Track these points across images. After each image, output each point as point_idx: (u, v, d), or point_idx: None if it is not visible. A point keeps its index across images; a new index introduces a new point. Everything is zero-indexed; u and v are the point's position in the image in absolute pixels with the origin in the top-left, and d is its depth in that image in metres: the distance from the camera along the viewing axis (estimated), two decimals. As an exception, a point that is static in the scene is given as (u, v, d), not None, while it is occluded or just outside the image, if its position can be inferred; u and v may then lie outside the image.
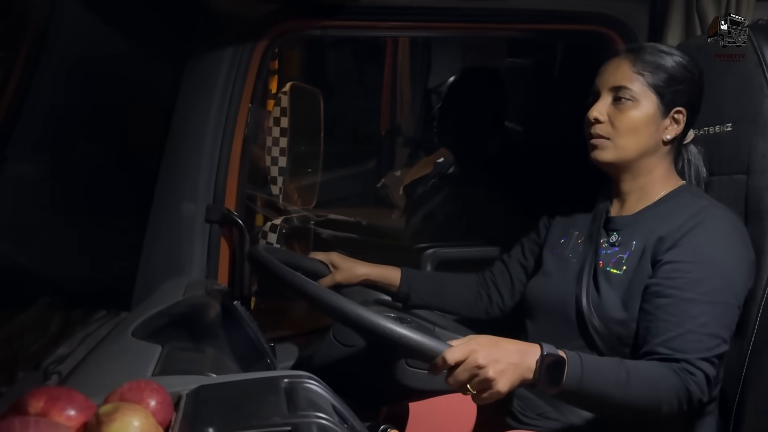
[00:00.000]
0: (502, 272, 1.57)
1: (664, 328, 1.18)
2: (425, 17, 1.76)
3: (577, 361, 1.08)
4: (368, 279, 1.54)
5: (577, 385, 1.07)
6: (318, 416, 0.73)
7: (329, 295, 1.09)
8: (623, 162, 1.32)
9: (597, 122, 1.30)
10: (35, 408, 0.67)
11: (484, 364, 1.01)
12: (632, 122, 1.28)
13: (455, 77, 2.43)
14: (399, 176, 3.52)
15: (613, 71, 1.31)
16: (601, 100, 1.31)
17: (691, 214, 1.25)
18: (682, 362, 1.15)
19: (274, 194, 2.02)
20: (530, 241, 1.55)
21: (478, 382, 1.02)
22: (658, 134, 1.30)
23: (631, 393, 1.11)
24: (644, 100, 1.29)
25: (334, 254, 1.55)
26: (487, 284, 1.59)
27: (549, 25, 1.83)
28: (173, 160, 1.59)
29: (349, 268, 1.52)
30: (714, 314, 1.18)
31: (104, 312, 1.46)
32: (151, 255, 1.57)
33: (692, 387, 1.14)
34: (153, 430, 0.68)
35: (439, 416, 1.45)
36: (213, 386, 0.82)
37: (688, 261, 1.21)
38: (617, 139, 1.29)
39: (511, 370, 1.03)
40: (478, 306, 1.58)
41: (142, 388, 0.75)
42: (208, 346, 1.12)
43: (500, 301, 1.57)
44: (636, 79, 1.29)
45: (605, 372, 1.11)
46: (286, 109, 1.96)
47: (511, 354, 1.05)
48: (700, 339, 1.16)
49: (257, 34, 1.61)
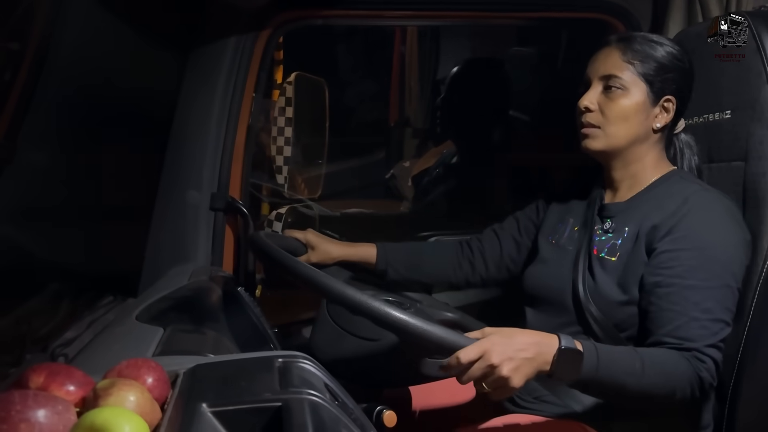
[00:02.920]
0: (492, 242, 1.57)
1: (669, 318, 1.19)
2: (428, 6, 1.77)
3: (593, 352, 1.09)
4: (344, 259, 1.55)
5: (592, 375, 1.08)
6: (309, 393, 0.75)
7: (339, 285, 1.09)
8: (614, 150, 1.33)
9: (587, 111, 1.31)
10: (35, 383, 0.69)
11: (498, 363, 1.02)
12: (622, 110, 1.29)
13: (457, 68, 2.44)
14: (408, 167, 3.52)
15: (603, 60, 1.32)
16: (592, 89, 1.32)
17: (683, 198, 1.26)
18: (692, 351, 1.16)
19: (279, 184, 2.04)
20: (526, 219, 1.55)
21: (493, 380, 1.04)
22: (648, 122, 1.31)
23: (646, 381, 1.12)
24: (634, 89, 1.29)
25: (310, 233, 1.55)
26: (472, 252, 1.58)
27: (553, 13, 1.84)
28: (178, 148, 1.61)
29: (325, 250, 1.53)
30: (716, 298, 1.19)
31: (111, 298, 1.49)
32: (156, 242, 1.60)
33: (704, 374, 1.16)
34: (148, 404, 0.70)
35: (438, 399, 1.48)
36: (209, 365, 0.84)
37: (684, 248, 1.22)
38: (607, 127, 1.30)
39: (527, 366, 1.04)
40: (458, 275, 1.58)
41: (139, 366, 0.76)
42: (209, 329, 1.13)
43: (484, 270, 1.57)
44: (626, 68, 1.30)
45: (620, 361, 1.12)
46: (291, 99, 1.98)
47: (525, 349, 1.05)
48: (705, 325, 1.17)
49: (260, 24, 1.63)
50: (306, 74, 2.06)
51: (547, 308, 1.38)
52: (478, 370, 1.03)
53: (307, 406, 0.72)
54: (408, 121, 4.05)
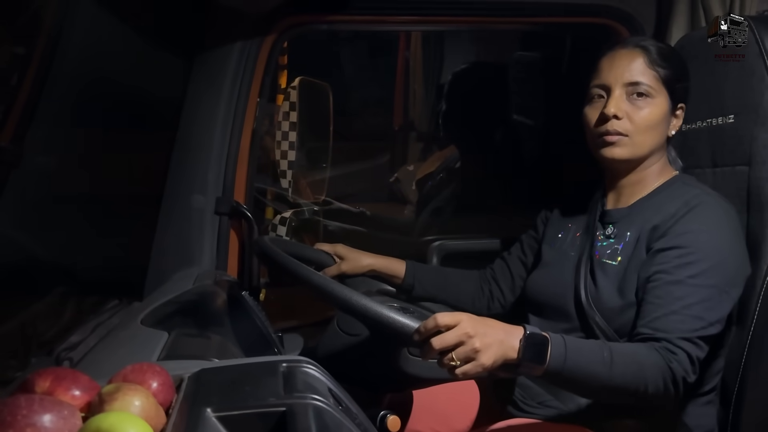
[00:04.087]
0: (503, 268, 1.60)
1: (649, 310, 1.19)
2: (432, 11, 1.77)
3: (560, 341, 1.08)
4: (373, 270, 1.57)
5: (560, 365, 1.07)
6: (313, 398, 0.75)
7: (333, 285, 1.10)
8: (637, 158, 1.31)
9: (615, 118, 1.27)
10: (41, 387, 0.69)
11: (473, 334, 1.02)
12: (651, 118, 1.28)
13: (458, 71, 2.44)
14: (412, 171, 3.53)
15: (626, 66, 1.29)
16: (616, 96, 1.28)
17: (684, 201, 1.26)
18: (662, 341, 1.15)
19: (283, 188, 2.04)
20: (529, 238, 1.57)
21: (464, 351, 1.02)
22: (667, 130, 1.31)
23: (616, 371, 1.10)
24: (659, 97, 1.29)
25: (339, 245, 1.57)
26: (488, 280, 1.61)
27: (557, 18, 1.84)
28: (183, 153, 1.62)
29: (355, 259, 1.55)
30: (700, 296, 1.18)
31: (116, 301, 1.49)
32: (162, 246, 1.60)
33: (674, 365, 1.14)
34: (153, 409, 0.70)
35: (442, 404, 1.47)
36: (214, 369, 0.85)
37: (677, 246, 1.21)
38: (636, 135, 1.28)
39: (497, 346, 1.03)
40: (481, 301, 1.61)
41: (144, 370, 0.77)
42: (214, 333, 1.14)
43: (501, 296, 1.59)
44: (651, 75, 1.28)
45: (588, 352, 1.11)
46: (295, 103, 1.98)
47: (497, 331, 1.05)
48: (683, 320, 1.16)
49: (265, 29, 1.63)
50: (310, 79, 2.07)
51: (550, 314, 1.38)
52: (452, 337, 1.02)
53: (311, 411, 0.72)
54: (412, 125, 4.06)
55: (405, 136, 4.07)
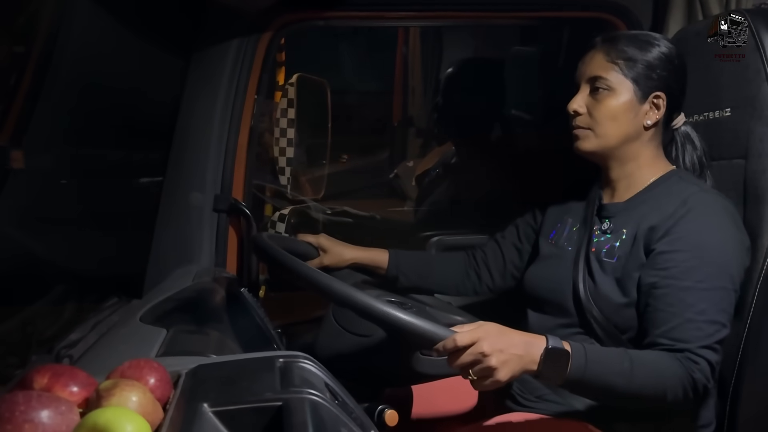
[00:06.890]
0: (495, 252, 1.59)
1: (664, 319, 1.20)
2: (430, 7, 1.77)
3: (581, 353, 1.10)
4: (356, 263, 1.57)
5: (580, 375, 1.09)
6: (309, 392, 0.75)
7: (336, 283, 1.10)
8: (606, 150, 1.34)
9: (576, 114, 1.33)
10: (39, 383, 0.70)
11: (489, 353, 1.04)
12: (610, 111, 1.31)
13: (453, 66, 2.44)
14: (411, 167, 3.52)
15: (588, 63, 1.34)
16: (580, 92, 1.34)
17: (681, 200, 1.26)
18: (685, 352, 1.16)
19: (282, 185, 2.04)
20: (525, 225, 1.57)
21: (480, 368, 1.05)
22: (638, 120, 1.32)
23: (636, 382, 1.12)
24: (620, 88, 1.31)
25: (322, 237, 1.57)
26: (477, 263, 1.61)
27: (555, 12, 1.84)
28: (181, 150, 1.62)
29: (338, 252, 1.55)
30: (711, 300, 1.19)
31: (116, 299, 1.50)
32: (160, 244, 1.61)
33: (697, 375, 1.16)
34: (150, 405, 0.71)
35: (440, 398, 1.48)
36: (211, 365, 0.85)
37: (681, 250, 1.22)
38: (597, 128, 1.32)
39: (515, 362, 1.06)
40: (466, 285, 1.61)
41: (141, 366, 0.77)
42: (213, 330, 1.14)
43: (490, 280, 1.59)
44: (611, 69, 1.31)
45: (608, 362, 1.13)
46: (293, 100, 1.98)
47: (516, 345, 1.07)
48: (700, 327, 1.17)
49: (262, 26, 1.63)
50: (308, 75, 2.07)
51: (548, 308, 1.39)
52: (468, 356, 1.05)
53: (308, 405, 0.73)
54: (411, 121, 4.05)
55: (404, 132, 4.07)
